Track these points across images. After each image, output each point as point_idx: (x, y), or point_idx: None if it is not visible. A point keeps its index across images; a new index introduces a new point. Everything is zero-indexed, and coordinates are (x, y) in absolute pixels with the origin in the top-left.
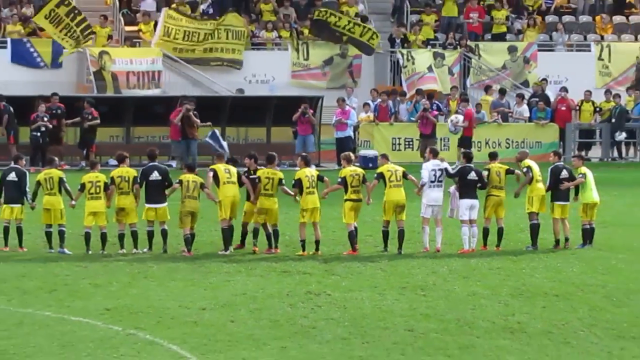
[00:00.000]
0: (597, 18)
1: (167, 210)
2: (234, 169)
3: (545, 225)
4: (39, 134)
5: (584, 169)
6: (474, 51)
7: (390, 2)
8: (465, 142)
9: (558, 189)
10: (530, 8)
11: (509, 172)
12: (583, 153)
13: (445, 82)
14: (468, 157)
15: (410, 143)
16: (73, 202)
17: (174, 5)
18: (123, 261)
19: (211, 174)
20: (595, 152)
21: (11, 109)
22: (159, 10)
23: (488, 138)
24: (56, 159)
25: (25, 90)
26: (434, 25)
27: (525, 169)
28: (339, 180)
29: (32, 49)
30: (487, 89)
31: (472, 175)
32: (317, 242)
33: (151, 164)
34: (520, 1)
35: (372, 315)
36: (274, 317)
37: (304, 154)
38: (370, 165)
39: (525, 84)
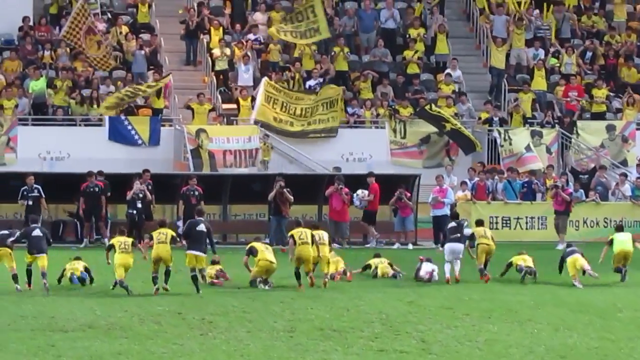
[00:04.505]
0: None
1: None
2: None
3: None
4: (135, 211)
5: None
6: (572, 130)
7: (488, 81)
8: (369, 216)
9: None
10: (628, 85)
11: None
12: None
13: (543, 161)
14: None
15: (508, 222)
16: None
17: (273, 81)
18: (219, 339)
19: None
20: None
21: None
22: (255, 86)
23: (586, 217)
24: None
25: (122, 168)
26: (531, 103)
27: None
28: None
29: (129, 127)
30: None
31: (453, 225)
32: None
33: (199, 218)
34: (619, 79)
35: None
36: None
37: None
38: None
39: (624, 162)
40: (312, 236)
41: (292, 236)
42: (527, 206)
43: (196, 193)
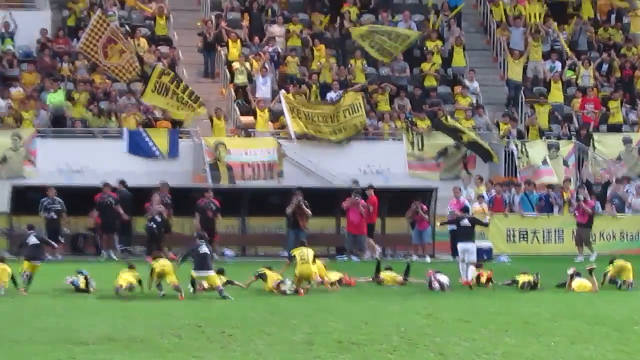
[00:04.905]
0: None
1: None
2: (310, 251)
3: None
4: (153, 224)
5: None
6: (589, 142)
7: (505, 93)
8: (368, 229)
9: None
10: None
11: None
12: None
13: (559, 173)
14: (464, 210)
15: (525, 234)
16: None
17: (290, 94)
18: (239, 352)
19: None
20: None
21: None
22: (272, 98)
23: (602, 230)
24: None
25: (141, 180)
26: (548, 116)
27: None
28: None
29: (148, 139)
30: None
31: (465, 222)
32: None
33: (200, 241)
34: (635, 91)
35: None
36: None
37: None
38: (485, 257)
39: None
40: (314, 256)
41: (293, 256)
42: (544, 219)
43: (212, 206)
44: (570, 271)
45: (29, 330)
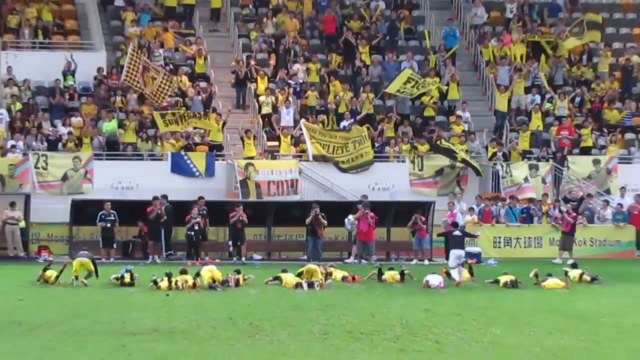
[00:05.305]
0: None
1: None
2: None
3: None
4: (192, 232)
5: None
6: (564, 163)
7: (492, 122)
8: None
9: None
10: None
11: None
12: None
13: (539, 190)
14: (454, 225)
15: (509, 241)
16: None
17: (309, 122)
18: (264, 341)
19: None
20: None
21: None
22: (294, 126)
23: (575, 238)
24: None
25: (182, 196)
26: (529, 141)
27: None
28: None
29: (188, 161)
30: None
31: (457, 233)
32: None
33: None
34: (603, 120)
35: None
36: None
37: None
38: (475, 260)
39: (608, 191)
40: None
41: (301, 272)
42: (525, 228)
43: (241, 218)
44: (531, 274)
45: (87, 323)
